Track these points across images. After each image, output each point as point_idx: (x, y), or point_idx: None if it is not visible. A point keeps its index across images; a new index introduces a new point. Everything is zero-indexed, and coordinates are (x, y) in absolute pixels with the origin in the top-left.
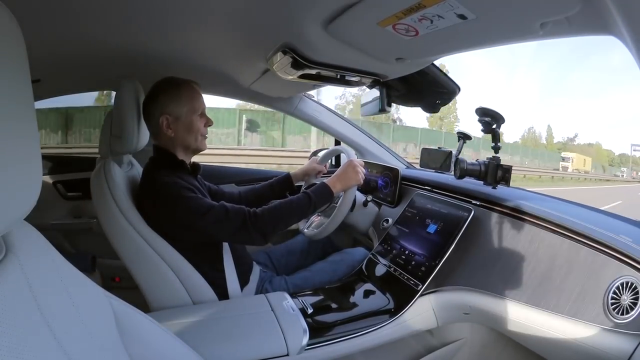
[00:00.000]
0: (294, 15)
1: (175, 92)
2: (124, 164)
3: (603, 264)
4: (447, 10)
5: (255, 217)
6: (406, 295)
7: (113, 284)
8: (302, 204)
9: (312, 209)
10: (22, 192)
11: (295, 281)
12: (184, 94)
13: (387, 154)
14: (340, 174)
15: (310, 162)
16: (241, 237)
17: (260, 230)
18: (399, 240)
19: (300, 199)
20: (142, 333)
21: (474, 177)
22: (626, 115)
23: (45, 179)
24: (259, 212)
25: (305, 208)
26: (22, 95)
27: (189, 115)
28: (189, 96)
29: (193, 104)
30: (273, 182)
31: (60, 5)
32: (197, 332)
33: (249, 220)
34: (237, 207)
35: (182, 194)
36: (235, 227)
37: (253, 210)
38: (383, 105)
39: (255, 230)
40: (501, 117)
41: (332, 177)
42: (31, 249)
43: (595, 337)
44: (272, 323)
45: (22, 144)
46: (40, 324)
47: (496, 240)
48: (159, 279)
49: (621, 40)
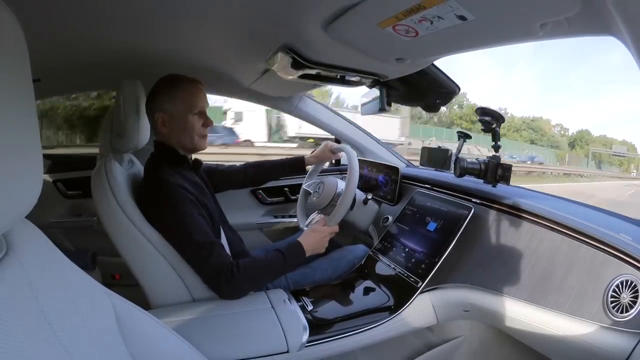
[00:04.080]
0: (294, 16)
1: (171, 89)
2: (125, 162)
3: (603, 262)
4: (447, 11)
5: (232, 276)
6: (406, 292)
7: (113, 282)
8: (277, 265)
9: (285, 270)
10: (23, 191)
11: (295, 278)
12: (180, 92)
13: (387, 152)
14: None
15: (324, 148)
16: (214, 279)
17: (233, 285)
18: (399, 237)
19: (276, 260)
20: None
21: (474, 175)
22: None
23: (46, 177)
24: (235, 274)
25: (280, 271)
26: (23, 94)
27: (184, 113)
28: (184, 94)
29: (190, 103)
30: (285, 162)
31: (61, 5)
32: (198, 329)
33: (223, 276)
34: (222, 257)
35: (182, 209)
36: (208, 271)
37: (232, 268)
38: (383, 105)
39: (228, 283)
40: (501, 116)
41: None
42: (32, 247)
43: (595, 334)
44: (272, 320)
45: (22, 142)
46: (41, 322)
47: (496, 238)
48: (160, 276)
49: (621, 41)
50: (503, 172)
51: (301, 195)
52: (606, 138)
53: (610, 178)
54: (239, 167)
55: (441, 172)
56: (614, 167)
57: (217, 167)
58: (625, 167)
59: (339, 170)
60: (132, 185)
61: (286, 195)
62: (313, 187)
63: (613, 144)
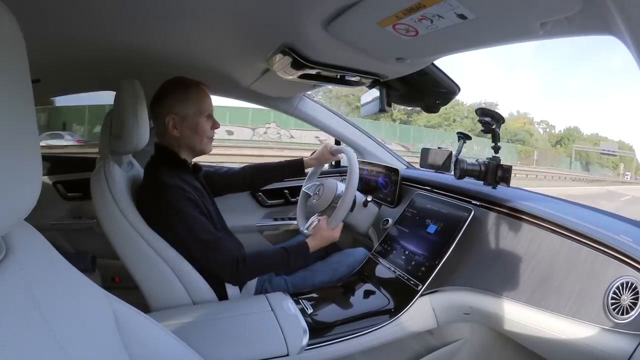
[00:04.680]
0: (294, 15)
1: (183, 92)
2: (124, 164)
3: (603, 264)
4: (447, 10)
5: (237, 270)
6: (406, 295)
7: (113, 284)
8: (280, 261)
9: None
10: (22, 193)
11: (295, 281)
12: (192, 95)
13: (387, 154)
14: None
15: (323, 150)
16: (220, 273)
17: (238, 278)
18: (399, 240)
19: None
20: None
21: (474, 177)
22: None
23: (45, 179)
24: (241, 268)
25: (282, 266)
26: (22, 95)
27: (196, 116)
28: (197, 97)
29: (200, 106)
30: (284, 164)
31: (61, 5)
32: (197, 332)
33: (228, 270)
34: (227, 252)
35: (183, 209)
36: (219, 265)
37: (238, 260)
38: (383, 105)
39: (234, 277)
40: (501, 117)
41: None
42: (31, 250)
43: (595, 337)
44: (272, 323)
45: (22, 144)
46: (40, 324)
47: (496, 241)
48: (159, 279)
49: (621, 40)
50: (503, 173)
51: (301, 197)
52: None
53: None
54: (238, 171)
55: (441, 173)
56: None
57: (216, 171)
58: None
59: (339, 172)
60: (131, 188)
61: (286, 198)
62: (313, 190)
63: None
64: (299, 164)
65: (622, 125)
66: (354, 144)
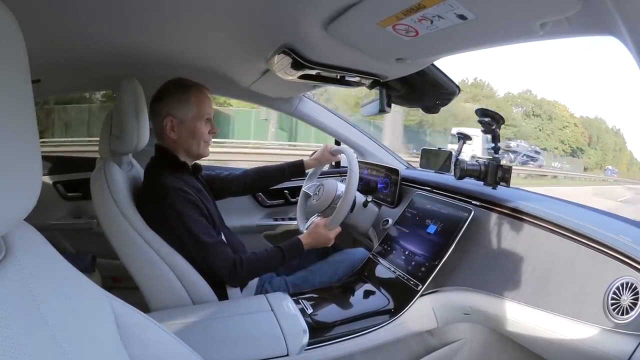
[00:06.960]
0: (294, 16)
1: (183, 95)
2: (124, 164)
3: (603, 264)
4: (447, 10)
5: (235, 272)
6: (406, 295)
7: (113, 284)
8: (276, 260)
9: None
10: (22, 193)
11: (295, 281)
12: (192, 98)
13: (387, 154)
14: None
15: (323, 151)
16: (219, 275)
17: (237, 280)
18: (399, 240)
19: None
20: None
21: (474, 177)
22: None
23: (45, 179)
24: (239, 270)
25: (278, 264)
26: (22, 95)
27: (194, 120)
28: (196, 101)
29: (200, 109)
30: (285, 166)
31: (60, 5)
32: (197, 332)
33: (227, 273)
34: (226, 256)
35: (184, 211)
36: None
37: (236, 262)
38: (383, 105)
39: (233, 279)
40: (501, 117)
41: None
42: (31, 250)
43: (595, 337)
44: (272, 323)
45: (22, 144)
46: (40, 324)
47: (496, 241)
48: (159, 279)
49: (621, 40)
50: (503, 174)
51: (301, 197)
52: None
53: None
54: (239, 175)
55: (441, 174)
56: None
57: (217, 175)
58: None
59: (339, 172)
60: (131, 188)
61: (286, 198)
62: (313, 190)
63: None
64: (299, 165)
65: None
66: (354, 145)
